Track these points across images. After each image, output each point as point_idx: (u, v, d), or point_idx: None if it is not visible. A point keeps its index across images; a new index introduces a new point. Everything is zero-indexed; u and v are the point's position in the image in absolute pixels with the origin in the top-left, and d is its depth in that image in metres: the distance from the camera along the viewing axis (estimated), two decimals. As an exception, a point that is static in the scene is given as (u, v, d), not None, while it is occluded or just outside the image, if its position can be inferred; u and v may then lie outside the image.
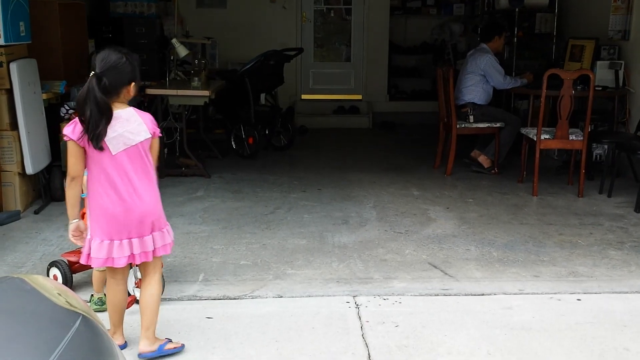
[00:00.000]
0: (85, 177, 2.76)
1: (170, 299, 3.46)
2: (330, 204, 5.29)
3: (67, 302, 1.50)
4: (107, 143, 2.66)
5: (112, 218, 2.72)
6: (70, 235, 2.78)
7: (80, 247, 2.87)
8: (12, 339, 1.28)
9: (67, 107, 5.37)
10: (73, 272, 3.55)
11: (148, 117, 2.80)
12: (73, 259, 3.54)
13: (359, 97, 9.93)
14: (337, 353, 2.86)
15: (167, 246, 2.85)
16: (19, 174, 4.92)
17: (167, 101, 6.17)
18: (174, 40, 6.41)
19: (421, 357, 2.88)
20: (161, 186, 5.65)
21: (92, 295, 3.36)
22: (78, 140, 2.64)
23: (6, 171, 4.89)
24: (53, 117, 5.35)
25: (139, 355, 2.85)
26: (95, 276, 3.37)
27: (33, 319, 1.38)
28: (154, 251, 2.80)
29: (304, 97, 9.88)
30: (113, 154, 2.68)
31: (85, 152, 2.68)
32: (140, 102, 6.45)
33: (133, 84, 2.72)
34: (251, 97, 6.98)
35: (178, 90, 6.04)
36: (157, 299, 2.87)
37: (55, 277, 3.51)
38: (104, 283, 3.37)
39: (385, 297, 3.49)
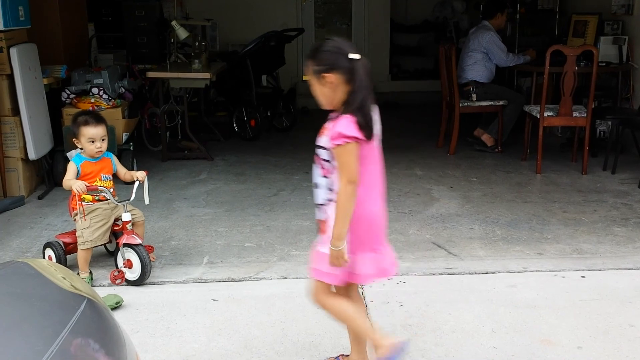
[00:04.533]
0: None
1: (175, 282, 3.48)
2: (333, 184, 5.28)
3: (72, 285, 1.50)
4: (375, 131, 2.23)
5: (373, 225, 2.29)
6: (337, 262, 2.26)
7: (74, 229, 2.71)
8: (18, 322, 1.29)
9: (68, 92, 5.36)
10: (67, 253, 3.57)
11: None
12: (67, 240, 3.55)
13: (361, 77, 9.85)
14: (342, 332, 2.86)
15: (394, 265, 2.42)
16: (22, 159, 4.92)
17: (168, 84, 6.15)
18: (173, 23, 6.37)
19: (426, 336, 2.89)
20: (164, 169, 5.76)
21: (77, 273, 3.35)
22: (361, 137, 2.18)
23: (9, 157, 4.89)
24: (54, 102, 5.34)
25: None
26: (80, 255, 3.40)
27: (39, 303, 1.39)
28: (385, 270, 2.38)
29: (305, 78, 9.80)
30: (375, 143, 2.26)
31: None
32: (141, 86, 6.44)
33: None
34: (252, 78, 6.96)
35: (179, 73, 6.01)
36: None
37: (50, 258, 3.54)
38: (88, 262, 3.41)
39: (389, 277, 3.49)
